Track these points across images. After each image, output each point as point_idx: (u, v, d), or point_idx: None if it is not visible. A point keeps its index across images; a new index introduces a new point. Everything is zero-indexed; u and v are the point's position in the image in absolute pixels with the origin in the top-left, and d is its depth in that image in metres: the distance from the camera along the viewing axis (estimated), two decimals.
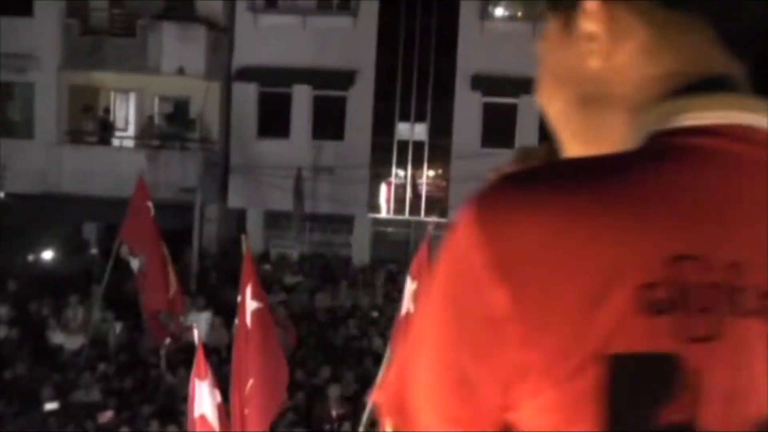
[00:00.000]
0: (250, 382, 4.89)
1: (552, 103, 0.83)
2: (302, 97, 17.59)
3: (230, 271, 13.37)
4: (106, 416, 7.35)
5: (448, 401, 0.69)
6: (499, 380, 0.63)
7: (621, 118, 0.76)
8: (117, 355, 10.41)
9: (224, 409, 4.89)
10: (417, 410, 0.72)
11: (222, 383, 5.80)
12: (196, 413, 4.74)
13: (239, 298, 5.41)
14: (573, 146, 0.82)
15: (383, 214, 18.50)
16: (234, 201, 17.81)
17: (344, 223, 18.15)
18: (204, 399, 4.72)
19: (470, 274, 0.62)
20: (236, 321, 5.61)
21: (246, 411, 4.80)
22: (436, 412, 0.70)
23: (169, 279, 9.35)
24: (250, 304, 5.29)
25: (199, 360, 4.70)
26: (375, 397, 0.87)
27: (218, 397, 4.80)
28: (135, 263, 9.48)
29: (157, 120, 17.56)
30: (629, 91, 0.76)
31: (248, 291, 5.33)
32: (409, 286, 5.75)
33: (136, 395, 8.37)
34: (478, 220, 0.62)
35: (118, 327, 11.22)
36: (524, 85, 16.81)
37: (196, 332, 6.79)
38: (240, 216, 17.99)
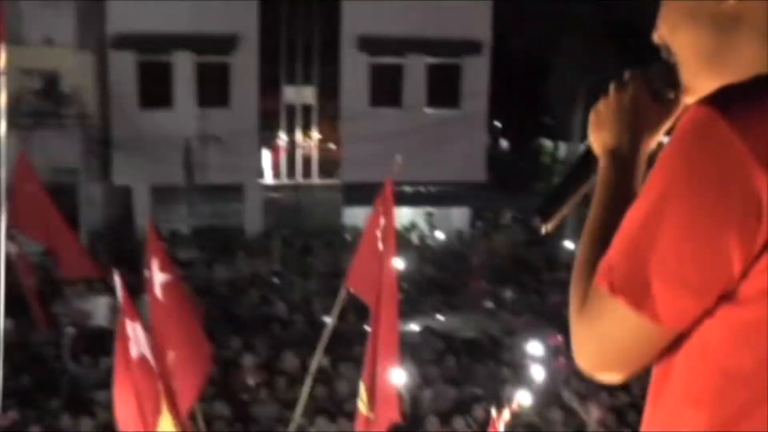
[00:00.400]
0: (171, 355, 4.72)
1: (682, 37, 1.02)
2: (184, 64, 16.88)
3: (123, 253, 12.82)
4: (8, 418, 6.87)
5: (697, 269, 0.85)
6: (748, 252, 0.82)
7: (754, 45, 0.93)
8: (9, 353, 9.76)
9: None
10: (658, 282, 0.87)
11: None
12: (134, 353, 4.51)
13: (146, 274, 5.20)
14: (703, 73, 1.00)
15: (274, 180, 18.23)
16: (119, 178, 16.97)
17: (235, 192, 17.74)
18: (140, 340, 4.52)
19: (734, 161, 0.81)
20: (146, 297, 5.41)
21: (173, 385, 4.63)
22: (680, 281, 0.86)
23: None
24: (159, 277, 5.11)
25: (125, 304, 4.45)
26: (599, 282, 0.93)
27: (149, 341, 4.60)
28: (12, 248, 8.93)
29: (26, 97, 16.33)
30: (760, 32, 0.92)
31: (155, 265, 5.13)
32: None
33: (39, 391, 7.89)
34: (735, 118, 0.82)
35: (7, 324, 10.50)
36: (410, 45, 16.92)
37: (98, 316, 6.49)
38: (125, 194, 17.21)
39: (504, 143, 28.84)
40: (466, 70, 18.28)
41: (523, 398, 7.95)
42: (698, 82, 1.01)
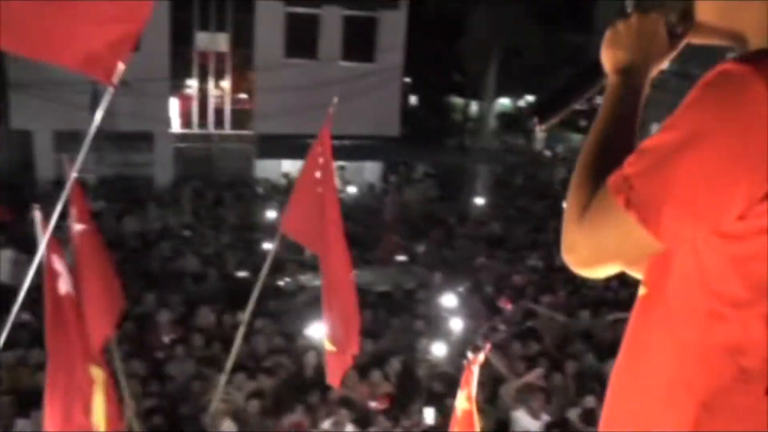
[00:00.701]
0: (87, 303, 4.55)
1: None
2: None
3: (26, 201, 12.12)
4: None
5: (707, 201, 0.95)
6: (753, 197, 0.92)
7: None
8: None
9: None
10: (670, 205, 0.97)
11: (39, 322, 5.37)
12: (62, 290, 4.31)
13: (67, 222, 4.96)
14: (716, 16, 1.11)
15: (185, 129, 17.61)
16: (17, 121, 15.92)
17: (144, 140, 17.02)
18: (66, 277, 4.32)
19: (763, 117, 0.90)
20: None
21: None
22: (689, 208, 0.96)
23: None
24: (75, 227, 4.88)
25: (50, 240, 4.21)
26: (614, 195, 1.02)
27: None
28: None
29: None
30: None
31: (73, 213, 4.89)
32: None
33: None
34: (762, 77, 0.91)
35: None
36: None
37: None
38: (25, 138, 16.21)
39: (417, 99, 28.90)
40: (383, 23, 18.08)
41: (438, 350, 8.20)
42: (709, 24, 1.14)
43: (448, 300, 9.59)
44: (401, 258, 13.02)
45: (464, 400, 3.34)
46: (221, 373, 6.19)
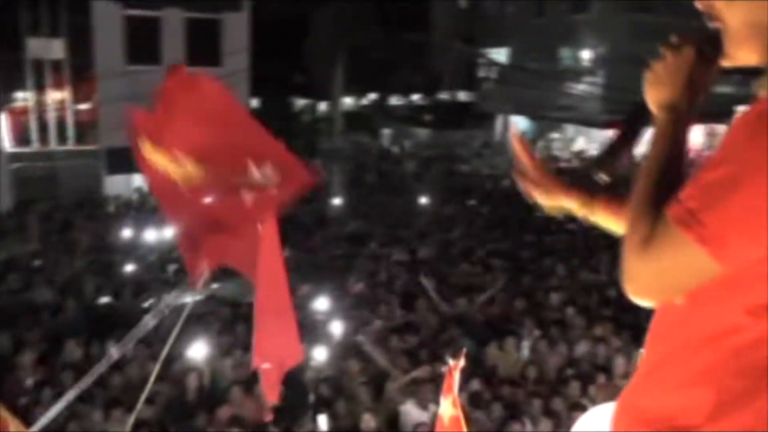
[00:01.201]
0: None
1: (736, 15, 1.18)
2: None
3: None
4: None
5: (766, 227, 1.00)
6: None
7: None
8: None
9: None
10: (734, 234, 1.04)
11: None
12: None
13: None
14: (749, 48, 1.20)
15: (21, 147, 16.21)
16: None
17: None
18: None
19: None
20: None
21: None
22: (751, 235, 1.03)
23: None
24: None
25: None
26: (678, 226, 1.08)
27: None
28: None
29: None
30: None
31: None
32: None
33: None
34: None
35: None
36: None
37: None
38: None
39: (260, 101, 28.49)
40: (226, 26, 17.64)
41: (319, 354, 8.12)
42: (740, 53, 1.23)
43: (321, 303, 9.52)
44: None
45: (450, 407, 3.32)
46: (97, 410, 5.76)
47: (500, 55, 28.79)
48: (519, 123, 29.02)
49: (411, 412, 6.95)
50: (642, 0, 26.74)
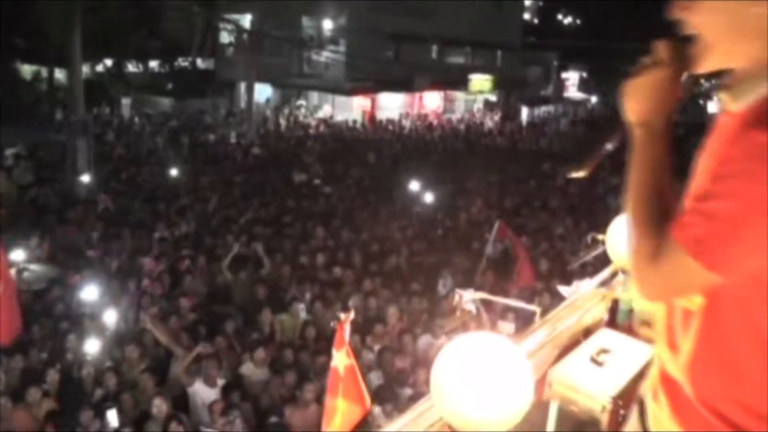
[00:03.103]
0: None
1: (708, 29, 1.23)
2: None
3: None
4: None
5: (751, 249, 1.13)
6: None
7: (759, 46, 1.18)
8: None
9: None
10: (740, 258, 1.15)
11: None
12: None
13: None
14: (720, 59, 1.25)
15: None
16: None
17: None
18: None
19: None
20: None
21: None
22: (755, 255, 1.14)
23: None
24: None
25: None
26: (686, 249, 1.18)
27: None
28: None
29: None
30: None
31: None
32: None
33: None
34: None
35: None
36: None
37: None
38: None
39: None
40: None
41: (92, 347, 7.60)
42: (715, 60, 1.27)
43: (89, 292, 8.90)
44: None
45: (344, 357, 3.31)
46: None
47: (244, 21, 28.35)
48: (263, 90, 29.02)
49: (200, 391, 6.87)
50: None
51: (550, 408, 2.50)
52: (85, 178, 15.68)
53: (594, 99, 46.84)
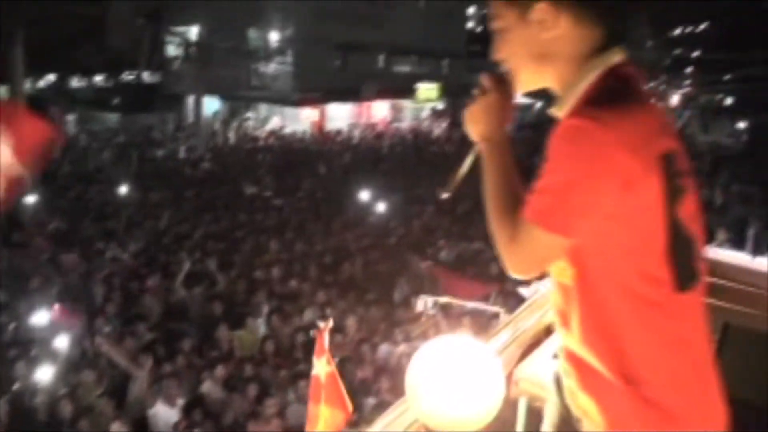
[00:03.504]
0: None
1: (517, 61, 1.55)
2: None
3: None
4: None
5: (594, 206, 1.40)
6: (620, 200, 1.38)
7: (561, 65, 1.50)
8: None
9: None
10: (575, 218, 1.41)
11: None
12: None
13: None
14: (532, 82, 1.58)
15: None
16: None
17: None
18: None
19: (607, 150, 1.35)
20: None
21: None
22: (579, 215, 1.41)
23: None
24: None
25: None
26: (532, 222, 1.45)
27: None
28: None
29: None
30: (567, 49, 1.48)
31: None
32: None
33: None
34: (600, 123, 1.35)
35: None
36: None
37: None
38: None
39: None
40: None
41: (44, 374, 7.38)
42: (527, 85, 1.60)
43: (38, 317, 8.63)
44: None
45: (325, 365, 3.32)
46: None
47: (190, 33, 28.00)
48: (211, 103, 28.72)
49: (160, 411, 6.75)
50: None
51: (519, 405, 2.55)
52: (30, 198, 15.21)
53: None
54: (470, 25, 45.80)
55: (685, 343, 1.50)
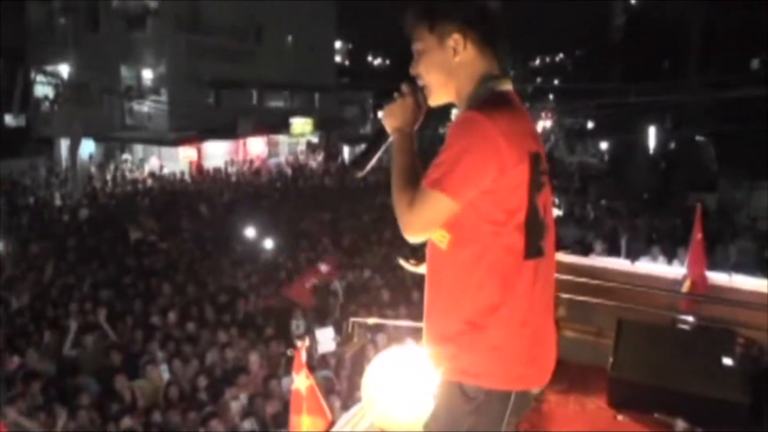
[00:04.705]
0: None
1: (431, 76, 2.01)
2: None
3: None
4: None
5: (478, 178, 1.83)
6: (498, 177, 1.83)
7: (463, 83, 1.98)
8: None
9: None
10: (463, 186, 1.82)
11: None
12: None
13: None
14: (440, 94, 2.03)
15: None
16: None
17: None
18: None
19: (491, 138, 1.81)
20: None
21: None
22: (467, 183, 1.82)
23: None
24: None
25: None
26: (427, 188, 1.86)
27: None
28: None
29: None
30: (469, 71, 1.97)
31: None
32: None
33: None
34: (489, 117, 1.82)
35: None
36: None
37: None
38: None
39: None
40: None
41: None
42: (435, 97, 2.05)
43: None
44: None
45: (304, 379, 3.42)
46: None
47: (60, 72, 26.65)
48: (85, 145, 27.46)
49: None
50: (196, 22, 27.38)
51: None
52: None
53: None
54: (338, 59, 46.68)
55: (527, 297, 1.89)
